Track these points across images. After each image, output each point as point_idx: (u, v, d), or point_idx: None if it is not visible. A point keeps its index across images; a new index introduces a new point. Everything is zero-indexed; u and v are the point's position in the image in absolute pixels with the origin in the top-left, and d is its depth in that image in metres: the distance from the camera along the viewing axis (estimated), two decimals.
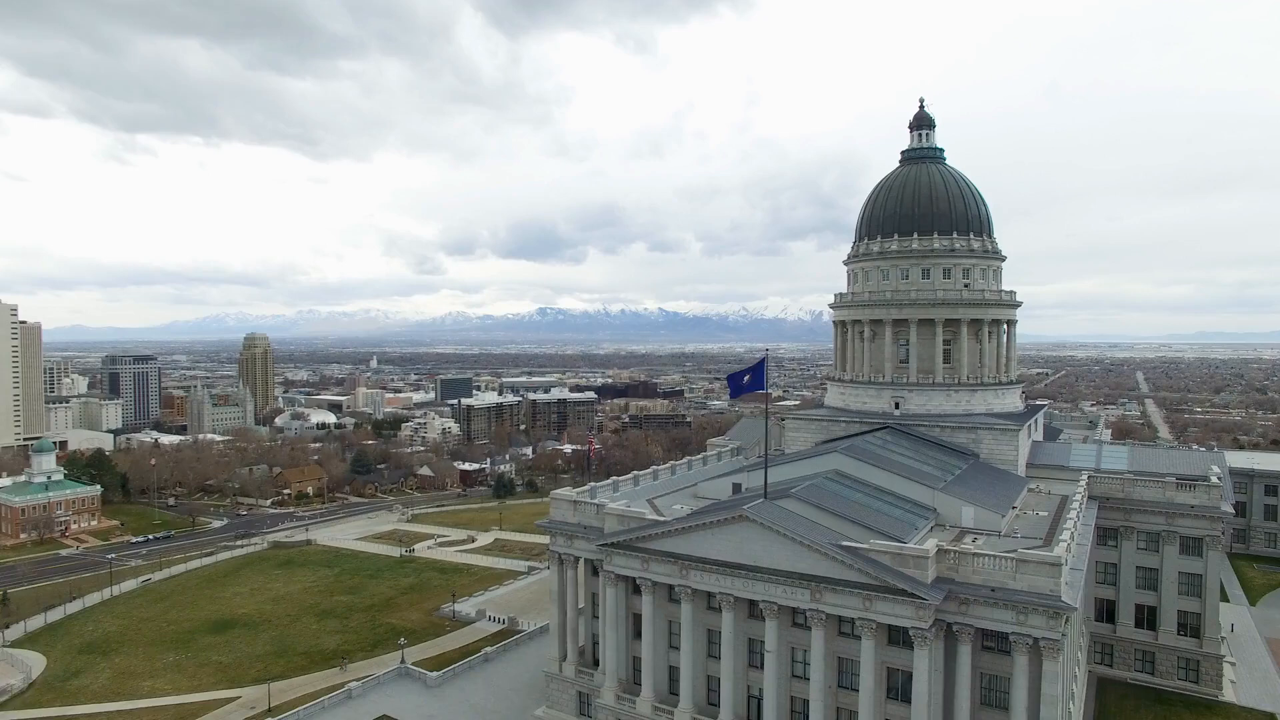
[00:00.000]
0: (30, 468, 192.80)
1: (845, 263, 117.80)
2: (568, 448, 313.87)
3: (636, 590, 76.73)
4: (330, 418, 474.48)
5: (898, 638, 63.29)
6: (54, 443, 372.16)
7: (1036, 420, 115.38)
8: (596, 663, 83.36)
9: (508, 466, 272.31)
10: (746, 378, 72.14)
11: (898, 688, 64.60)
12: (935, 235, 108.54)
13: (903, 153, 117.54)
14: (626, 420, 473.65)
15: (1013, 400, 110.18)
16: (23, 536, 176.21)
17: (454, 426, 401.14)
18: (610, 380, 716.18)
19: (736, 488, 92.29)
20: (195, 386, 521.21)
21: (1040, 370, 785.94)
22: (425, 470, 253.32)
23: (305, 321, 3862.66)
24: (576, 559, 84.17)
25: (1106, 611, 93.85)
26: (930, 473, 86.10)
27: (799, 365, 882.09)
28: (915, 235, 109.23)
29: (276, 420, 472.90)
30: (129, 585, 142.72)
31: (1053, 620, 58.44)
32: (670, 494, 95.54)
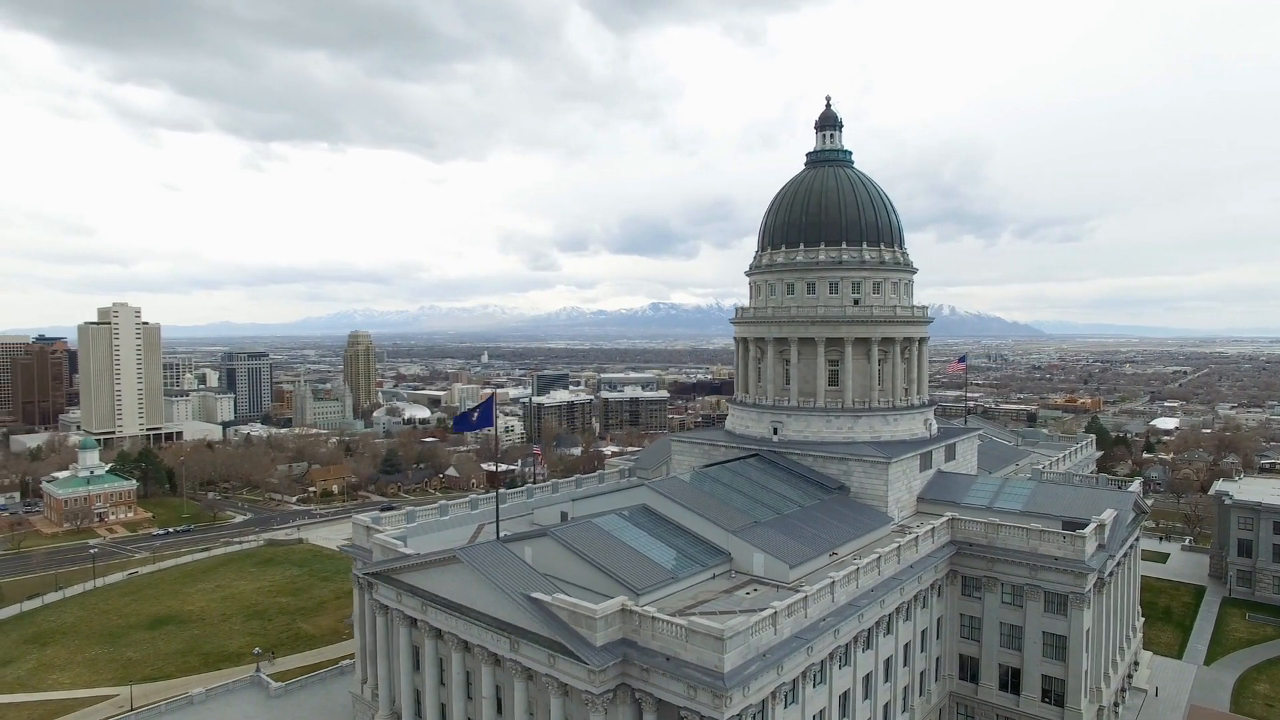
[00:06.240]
0: (76, 463, 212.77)
1: (746, 274, 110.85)
2: (609, 449, 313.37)
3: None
4: (424, 413, 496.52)
5: None
6: (173, 433, 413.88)
7: (953, 447, 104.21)
8: None
9: (535, 467, 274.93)
10: (475, 416, 69.10)
11: None
12: (822, 246, 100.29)
13: (807, 155, 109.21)
14: (700, 420, 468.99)
15: (909, 427, 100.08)
16: (66, 526, 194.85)
17: (517, 424, 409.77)
18: (710, 376, 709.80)
19: (564, 515, 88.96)
20: (299, 382, 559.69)
21: (1178, 368, 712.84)
22: (451, 470, 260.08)
23: (427, 317, 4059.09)
24: (372, 584, 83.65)
25: (971, 670, 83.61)
26: (734, 512, 79.52)
27: None
28: (801, 246, 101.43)
29: (374, 415, 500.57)
30: (116, 578, 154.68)
31: (717, 700, 52.55)
32: (510, 520, 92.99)
